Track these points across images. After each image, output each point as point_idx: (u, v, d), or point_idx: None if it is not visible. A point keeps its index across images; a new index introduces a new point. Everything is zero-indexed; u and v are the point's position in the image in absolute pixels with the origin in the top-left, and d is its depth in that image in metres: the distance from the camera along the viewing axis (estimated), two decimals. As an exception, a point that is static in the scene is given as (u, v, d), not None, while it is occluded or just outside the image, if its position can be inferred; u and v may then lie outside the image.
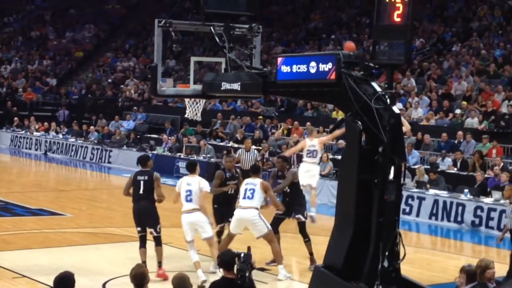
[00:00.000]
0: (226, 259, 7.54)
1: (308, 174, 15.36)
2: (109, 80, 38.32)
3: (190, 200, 11.95)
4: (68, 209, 18.52)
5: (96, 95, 37.27)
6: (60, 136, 31.92)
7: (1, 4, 46.08)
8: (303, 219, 13.22)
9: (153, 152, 27.28)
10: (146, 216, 12.16)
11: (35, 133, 32.82)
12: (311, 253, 13.19)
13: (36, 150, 31.87)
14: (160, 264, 12.14)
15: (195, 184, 12.00)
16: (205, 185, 12.09)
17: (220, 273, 7.87)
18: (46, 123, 33.15)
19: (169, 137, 27.74)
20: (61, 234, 15.73)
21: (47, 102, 38.07)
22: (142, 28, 42.45)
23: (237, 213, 12.39)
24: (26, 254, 13.67)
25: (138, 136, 30.06)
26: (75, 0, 46.60)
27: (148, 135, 30.05)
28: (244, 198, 12.28)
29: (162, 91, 11.71)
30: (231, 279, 7.45)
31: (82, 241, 15.20)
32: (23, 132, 33.49)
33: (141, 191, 12.04)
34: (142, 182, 12.07)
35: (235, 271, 7.40)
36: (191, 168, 12.40)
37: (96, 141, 30.11)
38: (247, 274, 7.40)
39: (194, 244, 12.15)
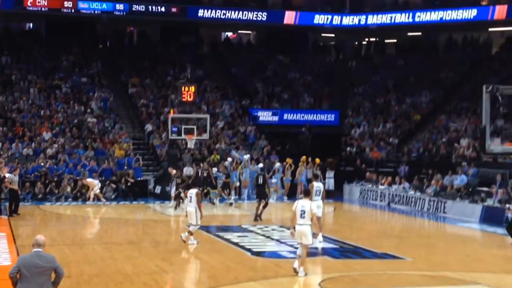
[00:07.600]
0: None
1: None
2: (443, 140, 37.93)
3: None
4: (408, 254, 18.57)
5: (431, 153, 37.09)
6: (401, 189, 32.17)
7: (351, 77, 48.07)
8: None
9: (484, 203, 26.42)
10: None
11: (380, 187, 33.45)
12: None
13: (381, 201, 32.47)
14: None
15: None
16: None
17: None
18: (389, 178, 33.61)
19: (498, 190, 26.65)
20: (402, 275, 15.83)
21: (390, 160, 38.65)
22: (473, 93, 41.56)
23: None
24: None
25: (470, 189, 29.25)
26: (414, 69, 47.04)
27: (479, 188, 29.11)
28: None
29: (491, 149, 11.52)
30: None
31: (420, 282, 15.18)
32: (370, 185, 34.30)
33: None
34: None
35: None
36: None
37: (432, 194, 29.89)
38: None
39: None
